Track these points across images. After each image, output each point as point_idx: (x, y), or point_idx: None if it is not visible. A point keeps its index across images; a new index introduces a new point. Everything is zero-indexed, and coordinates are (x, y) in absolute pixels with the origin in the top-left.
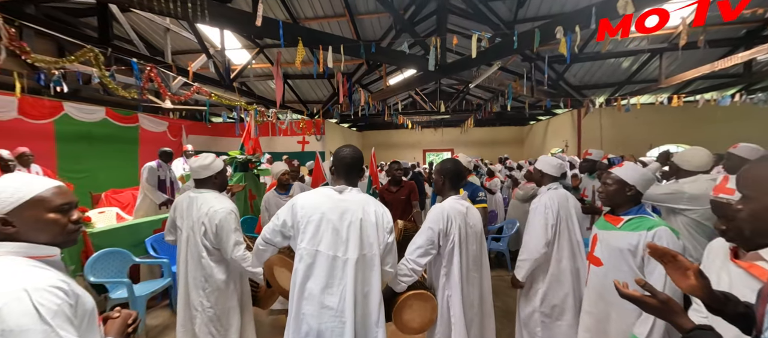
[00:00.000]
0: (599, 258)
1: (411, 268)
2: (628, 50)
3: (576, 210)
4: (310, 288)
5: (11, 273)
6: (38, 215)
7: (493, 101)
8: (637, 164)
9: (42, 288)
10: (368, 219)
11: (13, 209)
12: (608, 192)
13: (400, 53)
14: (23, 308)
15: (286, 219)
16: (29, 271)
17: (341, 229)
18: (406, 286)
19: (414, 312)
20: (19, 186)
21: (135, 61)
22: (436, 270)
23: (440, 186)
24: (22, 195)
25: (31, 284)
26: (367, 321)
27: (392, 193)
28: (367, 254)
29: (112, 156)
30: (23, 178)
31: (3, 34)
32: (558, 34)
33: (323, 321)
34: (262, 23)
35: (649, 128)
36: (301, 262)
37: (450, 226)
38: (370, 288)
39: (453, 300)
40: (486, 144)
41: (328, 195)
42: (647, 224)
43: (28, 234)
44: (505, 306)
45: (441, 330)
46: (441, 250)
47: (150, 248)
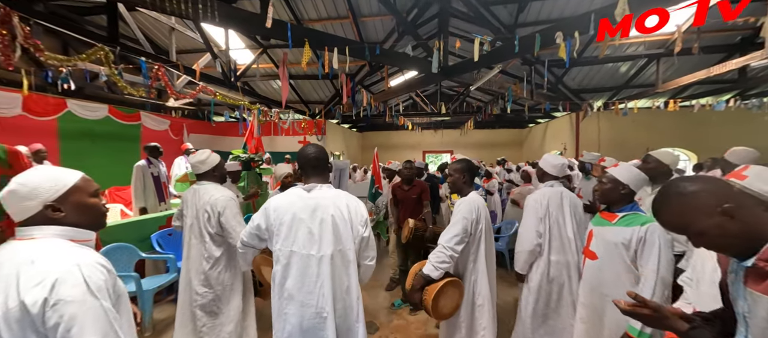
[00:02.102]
0: (594, 252)
1: (449, 254)
2: (626, 55)
3: (572, 208)
4: (289, 287)
5: (64, 251)
6: (81, 200)
7: (492, 104)
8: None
9: (90, 264)
10: (340, 215)
11: (60, 196)
12: (603, 191)
13: (403, 55)
14: (75, 280)
15: (260, 223)
16: (77, 250)
17: (313, 227)
18: (443, 273)
19: (447, 298)
20: (59, 176)
21: (143, 60)
22: (463, 256)
23: (461, 184)
24: (65, 183)
25: (81, 260)
26: (348, 316)
27: (404, 191)
28: (342, 249)
29: (114, 154)
30: (57, 169)
31: (18, 32)
32: (558, 39)
33: (305, 319)
34: (271, 25)
35: (646, 132)
36: (278, 263)
37: (480, 215)
38: (349, 282)
39: (480, 283)
40: (485, 146)
41: (298, 195)
42: (640, 220)
43: (74, 218)
44: (502, 302)
45: (465, 313)
46: (471, 237)
47: (155, 244)
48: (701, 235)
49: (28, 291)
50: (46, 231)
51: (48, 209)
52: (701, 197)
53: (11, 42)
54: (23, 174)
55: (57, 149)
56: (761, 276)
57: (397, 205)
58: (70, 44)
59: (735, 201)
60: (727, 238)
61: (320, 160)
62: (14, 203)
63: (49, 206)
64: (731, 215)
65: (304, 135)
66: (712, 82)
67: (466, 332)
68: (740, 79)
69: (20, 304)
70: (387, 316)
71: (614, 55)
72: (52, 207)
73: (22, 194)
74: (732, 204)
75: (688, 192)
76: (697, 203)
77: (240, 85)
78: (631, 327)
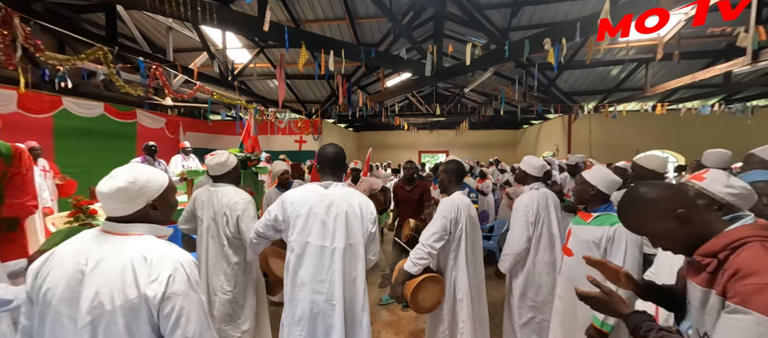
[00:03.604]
0: (570, 249)
1: (427, 252)
2: (617, 59)
3: (556, 208)
4: (302, 275)
5: (166, 249)
6: (171, 199)
7: (487, 105)
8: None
9: (189, 262)
10: (353, 212)
11: (160, 195)
12: (576, 191)
13: (398, 58)
14: (182, 277)
15: (277, 215)
16: (171, 247)
17: (328, 221)
18: (421, 269)
19: (427, 293)
20: (158, 175)
21: (141, 60)
22: (444, 254)
23: (446, 184)
24: (163, 183)
25: (182, 258)
26: (354, 305)
27: (406, 191)
28: (353, 243)
29: (109, 152)
30: (151, 169)
31: (19, 32)
32: (546, 45)
33: (315, 305)
34: (268, 28)
35: (636, 134)
36: (292, 253)
37: (460, 215)
38: (356, 274)
39: (460, 280)
40: (480, 147)
41: (315, 191)
42: (610, 221)
43: (162, 215)
44: (493, 299)
45: (447, 307)
46: (451, 236)
47: None
48: (654, 237)
49: (147, 285)
50: (142, 228)
51: (148, 207)
52: (656, 203)
53: (12, 42)
54: (126, 172)
55: (52, 147)
56: (698, 268)
57: (398, 205)
58: (66, 42)
59: (687, 207)
60: (675, 241)
61: (338, 160)
62: (123, 200)
63: (150, 204)
64: (683, 220)
65: (300, 135)
66: (699, 86)
67: (448, 324)
68: (725, 84)
69: (142, 296)
70: (379, 312)
71: (604, 59)
72: (153, 205)
73: (132, 192)
74: (683, 210)
75: (644, 199)
76: (652, 209)
77: (237, 84)
78: (595, 318)
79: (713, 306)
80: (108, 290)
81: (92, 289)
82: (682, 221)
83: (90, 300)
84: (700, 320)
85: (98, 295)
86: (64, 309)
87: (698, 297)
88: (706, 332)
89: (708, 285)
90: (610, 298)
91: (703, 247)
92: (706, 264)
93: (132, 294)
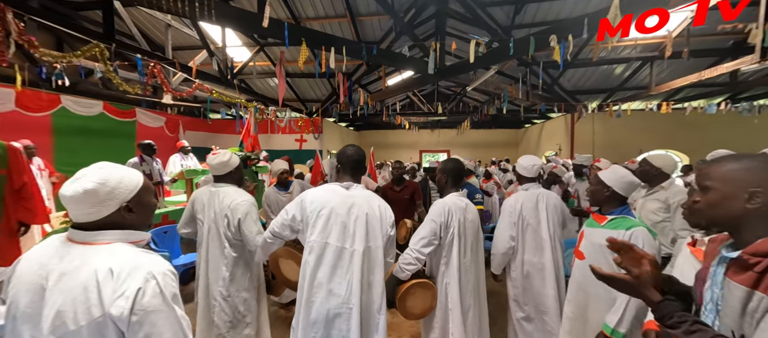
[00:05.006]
0: (582, 252)
1: (415, 257)
2: (621, 58)
3: (551, 211)
4: (320, 277)
5: (137, 259)
6: (149, 200)
7: (489, 104)
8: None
9: (163, 273)
10: (373, 214)
11: (133, 196)
12: (591, 192)
13: (400, 56)
14: (153, 291)
15: (295, 214)
16: (146, 256)
17: (349, 223)
18: (410, 274)
19: (416, 299)
20: (130, 175)
21: (139, 58)
22: (436, 259)
23: (443, 184)
24: (137, 182)
25: (155, 269)
26: (370, 308)
27: (395, 192)
28: (372, 246)
29: (108, 150)
30: (123, 168)
31: (12, 29)
32: (552, 42)
33: (332, 308)
34: (268, 24)
35: (640, 134)
36: (311, 253)
37: (451, 219)
38: (374, 277)
39: (451, 287)
40: (482, 146)
41: (336, 191)
42: (627, 224)
43: (139, 219)
44: (498, 302)
45: (439, 315)
46: (442, 241)
47: (151, 243)
48: (711, 201)
49: (112, 303)
50: (111, 236)
51: (122, 210)
52: (742, 172)
53: (5, 38)
54: (95, 172)
55: (51, 146)
56: (743, 267)
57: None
58: (64, 39)
59: (765, 191)
60: (726, 217)
61: (360, 162)
62: (92, 203)
63: (124, 207)
64: (750, 198)
65: (300, 134)
66: (704, 85)
67: (440, 333)
68: (731, 82)
69: (106, 315)
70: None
71: (609, 57)
72: (128, 208)
73: (102, 194)
74: (760, 190)
75: (734, 162)
76: (733, 175)
77: (237, 82)
78: (606, 325)
79: (757, 307)
80: (71, 308)
81: (53, 308)
82: (749, 199)
83: (52, 320)
84: (739, 322)
85: (60, 314)
86: (26, 327)
87: (739, 298)
88: (744, 334)
89: (754, 285)
90: (637, 280)
91: (755, 245)
92: (754, 263)
93: (96, 312)
